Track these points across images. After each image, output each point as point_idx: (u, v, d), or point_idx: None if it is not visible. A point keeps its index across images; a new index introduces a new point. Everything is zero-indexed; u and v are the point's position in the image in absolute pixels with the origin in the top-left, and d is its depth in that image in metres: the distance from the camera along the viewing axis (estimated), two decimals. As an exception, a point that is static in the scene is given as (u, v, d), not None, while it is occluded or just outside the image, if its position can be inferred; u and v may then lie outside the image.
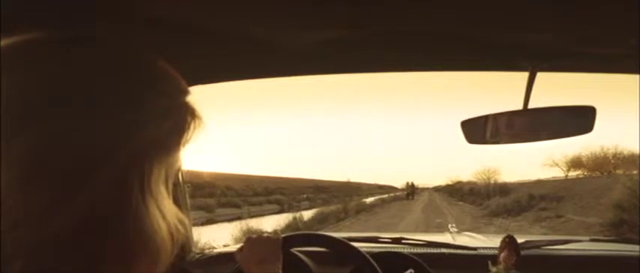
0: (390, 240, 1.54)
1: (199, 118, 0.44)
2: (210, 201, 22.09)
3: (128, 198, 0.38)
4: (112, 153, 0.37)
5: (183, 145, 0.43)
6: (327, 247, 1.25)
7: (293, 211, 19.41)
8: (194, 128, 0.43)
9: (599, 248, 1.52)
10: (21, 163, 0.35)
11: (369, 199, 31.20)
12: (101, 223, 0.37)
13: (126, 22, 0.74)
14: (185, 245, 1.52)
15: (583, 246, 1.51)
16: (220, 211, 22.03)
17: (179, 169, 0.44)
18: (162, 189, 0.41)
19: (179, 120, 0.42)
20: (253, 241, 1.02)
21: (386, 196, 40.13)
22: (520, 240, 1.29)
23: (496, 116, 1.05)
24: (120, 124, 0.38)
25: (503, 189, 23.61)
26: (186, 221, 0.46)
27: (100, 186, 0.36)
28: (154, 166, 0.40)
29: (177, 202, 0.45)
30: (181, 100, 0.43)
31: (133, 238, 0.39)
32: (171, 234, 0.42)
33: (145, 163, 0.39)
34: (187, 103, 0.43)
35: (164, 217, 0.41)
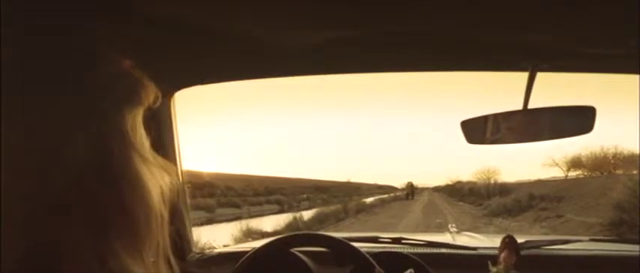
0: (390, 240, 1.54)
1: (148, 84, 0.47)
2: (210, 201, 22.07)
3: (110, 157, 0.40)
4: (79, 123, 0.39)
5: (143, 104, 0.46)
6: (327, 247, 1.25)
7: (293, 211, 19.39)
8: (145, 89, 0.46)
9: (599, 248, 1.52)
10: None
11: (369, 199, 31.16)
12: (90, 191, 0.39)
13: (126, 22, 0.74)
14: (185, 245, 1.52)
15: (583, 246, 1.51)
16: (220, 211, 22.00)
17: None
18: (141, 139, 0.44)
19: (131, 82, 0.45)
20: None
21: (386, 196, 40.10)
22: (520, 240, 1.29)
23: (496, 116, 1.05)
24: (78, 94, 0.40)
25: (503, 189, 23.55)
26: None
27: (78, 157, 0.38)
28: (126, 122, 0.43)
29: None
30: (125, 68, 0.46)
31: (127, 198, 0.41)
32: (160, 182, 0.45)
33: (116, 122, 0.42)
34: (130, 71, 0.46)
35: (150, 170, 0.44)
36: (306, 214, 16.96)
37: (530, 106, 1.01)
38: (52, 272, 0.37)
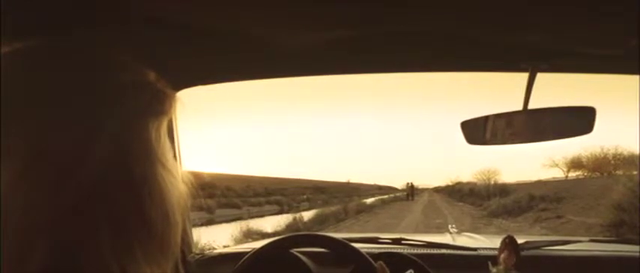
0: (389, 240, 1.54)
1: (171, 94, 0.47)
2: (210, 202, 22.08)
3: (132, 165, 0.41)
4: (102, 127, 0.40)
5: (167, 114, 0.46)
6: (327, 248, 1.25)
7: (293, 212, 19.44)
8: (169, 99, 0.46)
9: (599, 249, 1.51)
10: (21, 157, 0.37)
11: (369, 200, 31.18)
12: (112, 198, 0.39)
13: (126, 22, 0.73)
14: (185, 246, 1.51)
15: (583, 246, 1.51)
16: (220, 211, 22.02)
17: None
18: (164, 148, 0.45)
19: (154, 92, 0.45)
20: None
21: (386, 196, 40.12)
22: (520, 240, 1.29)
23: (496, 117, 1.05)
24: (101, 103, 0.41)
25: (503, 189, 23.54)
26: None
27: (100, 164, 0.39)
28: (149, 131, 0.43)
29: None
30: (148, 78, 0.46)
31: (148, 206, 0.41)
32: (180, 191, 0.45)
33: (139, 131, 0.42)
34: (154, 82, 0.47)
35: (170, 179, 0.44)
36: (306, 215, 16.99)
37: (530, 106, 1.01)
38: None
